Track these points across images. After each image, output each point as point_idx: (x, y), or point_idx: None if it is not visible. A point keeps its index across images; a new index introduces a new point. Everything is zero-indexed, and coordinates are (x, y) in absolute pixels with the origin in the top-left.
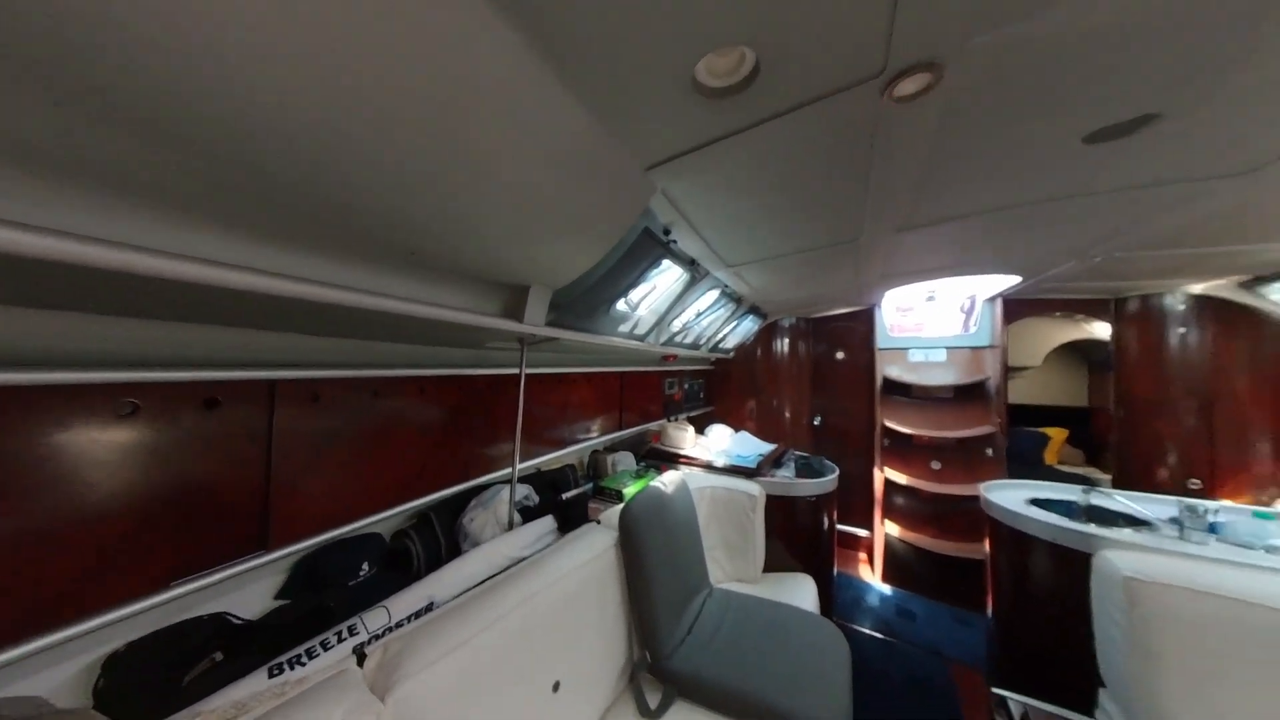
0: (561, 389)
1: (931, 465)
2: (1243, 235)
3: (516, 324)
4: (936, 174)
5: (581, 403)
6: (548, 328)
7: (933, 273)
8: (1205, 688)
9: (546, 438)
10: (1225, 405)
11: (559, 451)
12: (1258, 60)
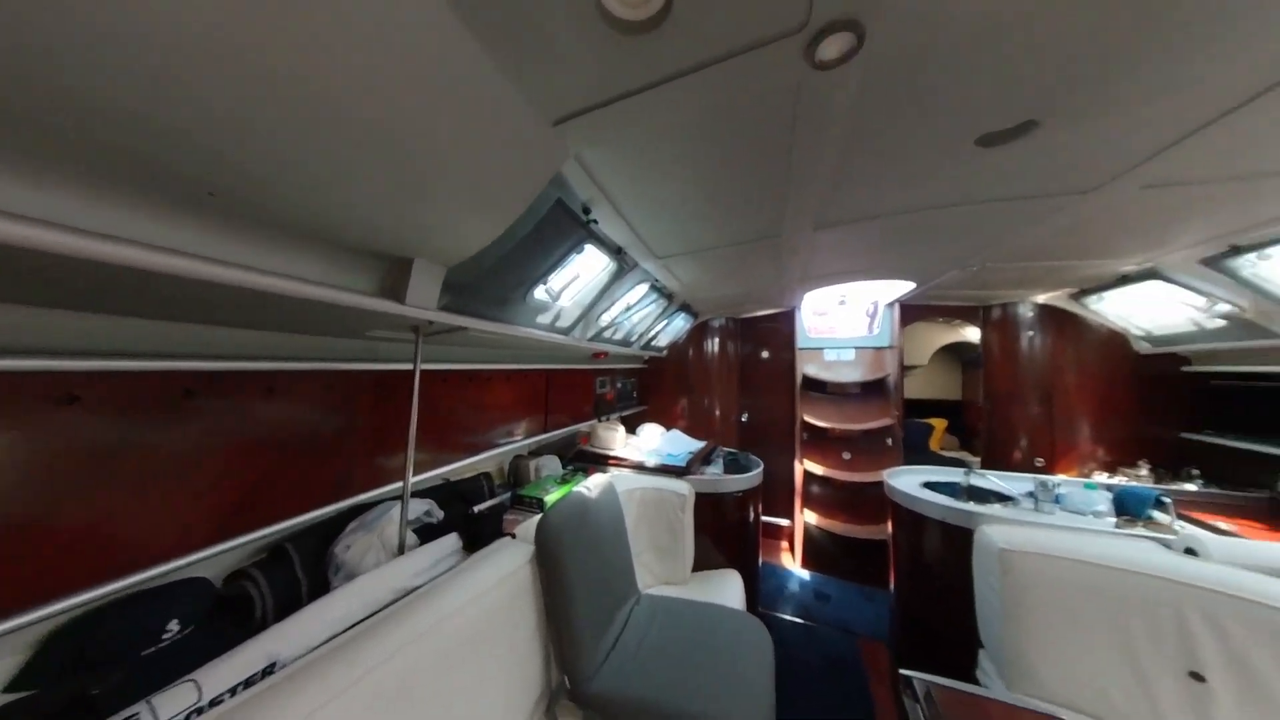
0: (474, 388)
1: (843, 456)
2: (1077, 251)
3: (396, 305)
4: (850, 169)
5: (500, 403)
6: (441, 313)
7: (845, 276)
8: (1058, 637)
9: (457, 443)
10: (1060, 396)
11: (473, 458)
12: (1105, 82)
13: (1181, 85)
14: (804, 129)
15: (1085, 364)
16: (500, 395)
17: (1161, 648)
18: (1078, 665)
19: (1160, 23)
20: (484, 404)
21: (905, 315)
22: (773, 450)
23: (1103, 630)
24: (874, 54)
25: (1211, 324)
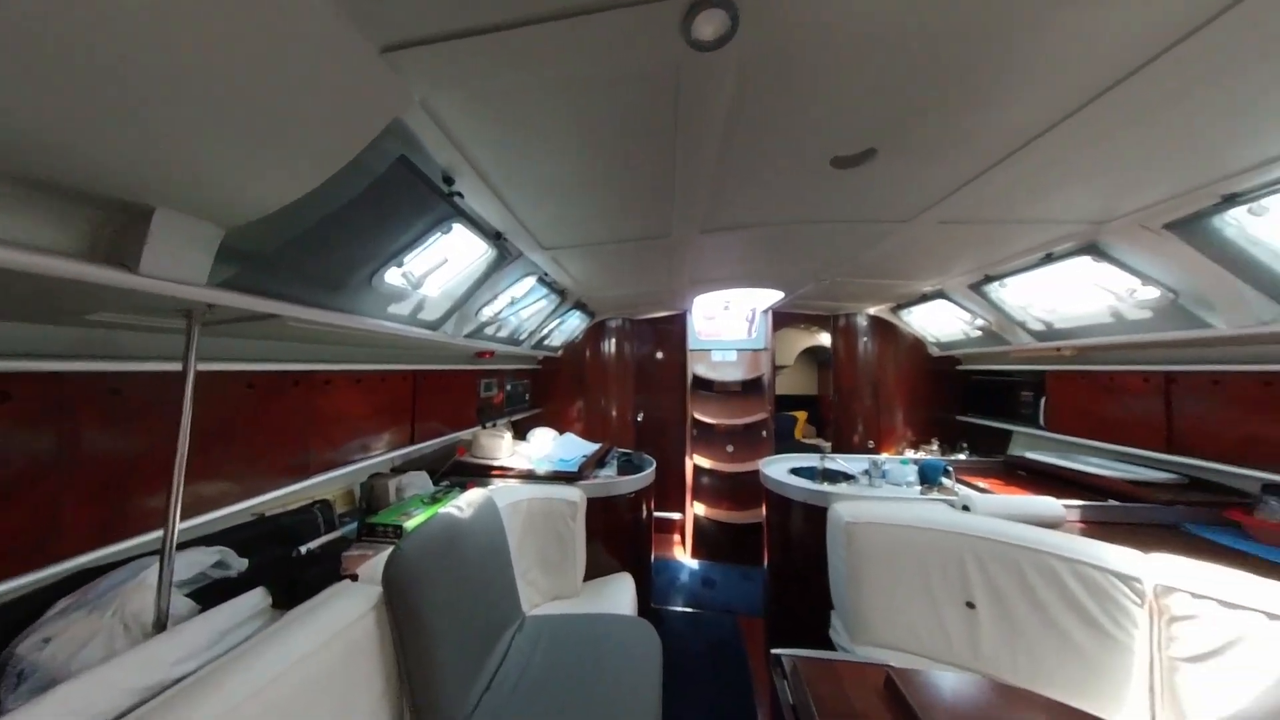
0: (306, 394)
1: (727, 449)
2: (897, 273)
3: (122, 275)
4: (730, 175)
5: (347, 412)
6: (222, 291)
7: (729, 282)
8: (885, 591)
9: (277, 465)
10: (883, 390)
11: (302, 483)
12: (918, 124)
13: (960, 140)
14: (687, 122)
15: (899, 364)
16: (347, 402)
17: (948, 586)
18: (897, 612)
19: (947, 82)
20: (321, 413)
21: (776, 321)
22: (667, 447)
23: (913, 579)
24: (747, 54)
25: (974, 334)
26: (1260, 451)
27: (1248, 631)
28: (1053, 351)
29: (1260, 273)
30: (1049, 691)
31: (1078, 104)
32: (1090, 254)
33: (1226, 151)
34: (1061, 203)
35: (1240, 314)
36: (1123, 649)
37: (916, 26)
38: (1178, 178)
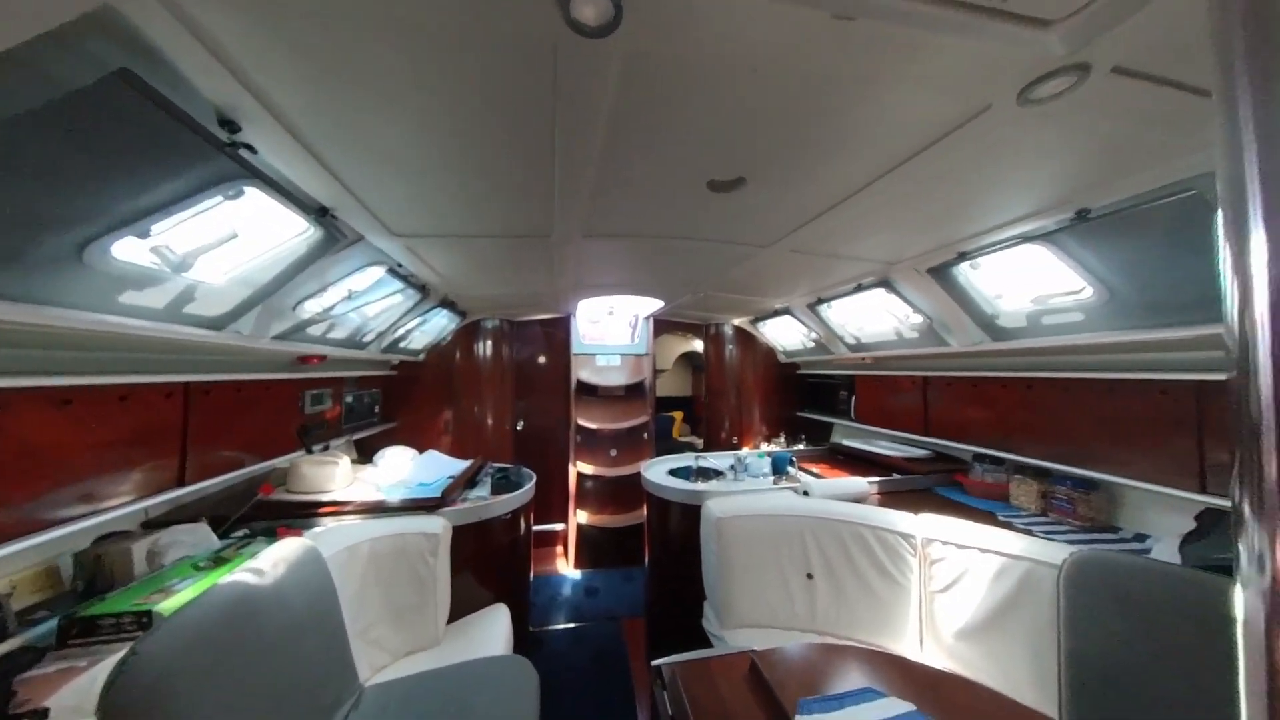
0: None
1: (610, 453)
2: (756, 290)
3: None
4: (612, 182)
5: (36, 449)
6: None
7: (613, 288)
8: (748, 575)
9: None
10: (744, 391)
11: None
12: (776, 160)
13: (812, 180)
14: (568, 116)
15: (757, 368)
16: (42, 433)
17: (793, 562)
18: (758, 593)
19: (808, 126)
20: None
21: (656, 328)
22: (549, 456)
23: (769, 561)
24: (632, 58)
25: (809, 344)
26: (972, 432)
27: (971, 564)
28: (860, 360)
29: (975, 309)
30: (860, 635)
31: (885, 170)
32: (884, 287)
33: (961, 224)
34: (870, 246)
35: (965, 337)
36: (904, 591)
37: (792, 68)
38: (935, 237)
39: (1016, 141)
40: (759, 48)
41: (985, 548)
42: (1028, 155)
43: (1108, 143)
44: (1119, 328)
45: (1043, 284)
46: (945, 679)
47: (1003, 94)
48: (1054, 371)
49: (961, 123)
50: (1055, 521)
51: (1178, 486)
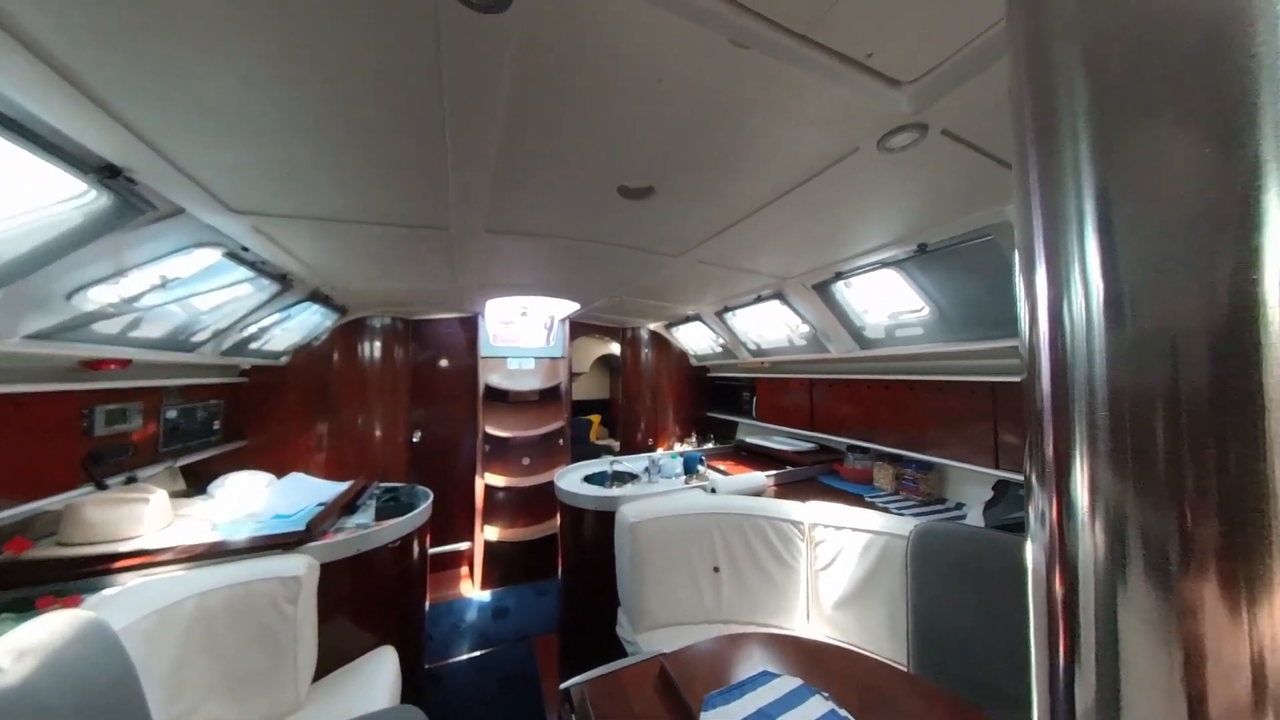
0: None
1: (523, 462)
2: (669, 297)
3: None
4: (516, 177)
5: None
6: None
7: (524, 289)
8: (661, 576)
9: None
10: (659, 393)
11: None
12: (687, 173)
13: (719, 197)
14: (458, 96)
15: (671, 371)
16: None
17: (702, 558)
18: (670, 592)
19: (715, 145)
20: None
21: (573, 330)
22: (453, 469)
23: (680, 560)
24: (529, 54)
25: (717, 349)
26: (846, 426)
27: (845, 543)
28: (760, 364)
29: (848, 321)
30: (760, 618)
31: (779, 194)
32: (779, 299)
33: (837, 248)
34: (767, 262)
35: (841, 345)
36: (795, 573)
37: (697, 86)
38: (817, 258)
39: (877, 182)
40: (664, 60)
41: (855, 527)
42: (885, 195)
43: (940, 192)
44: (945, 340)
45: (896, 302)
46: (825, 649)
47: (868, 139)
48: (903, 374)
49: (837, 159)
50: (905, 498)
51: (981, 464)
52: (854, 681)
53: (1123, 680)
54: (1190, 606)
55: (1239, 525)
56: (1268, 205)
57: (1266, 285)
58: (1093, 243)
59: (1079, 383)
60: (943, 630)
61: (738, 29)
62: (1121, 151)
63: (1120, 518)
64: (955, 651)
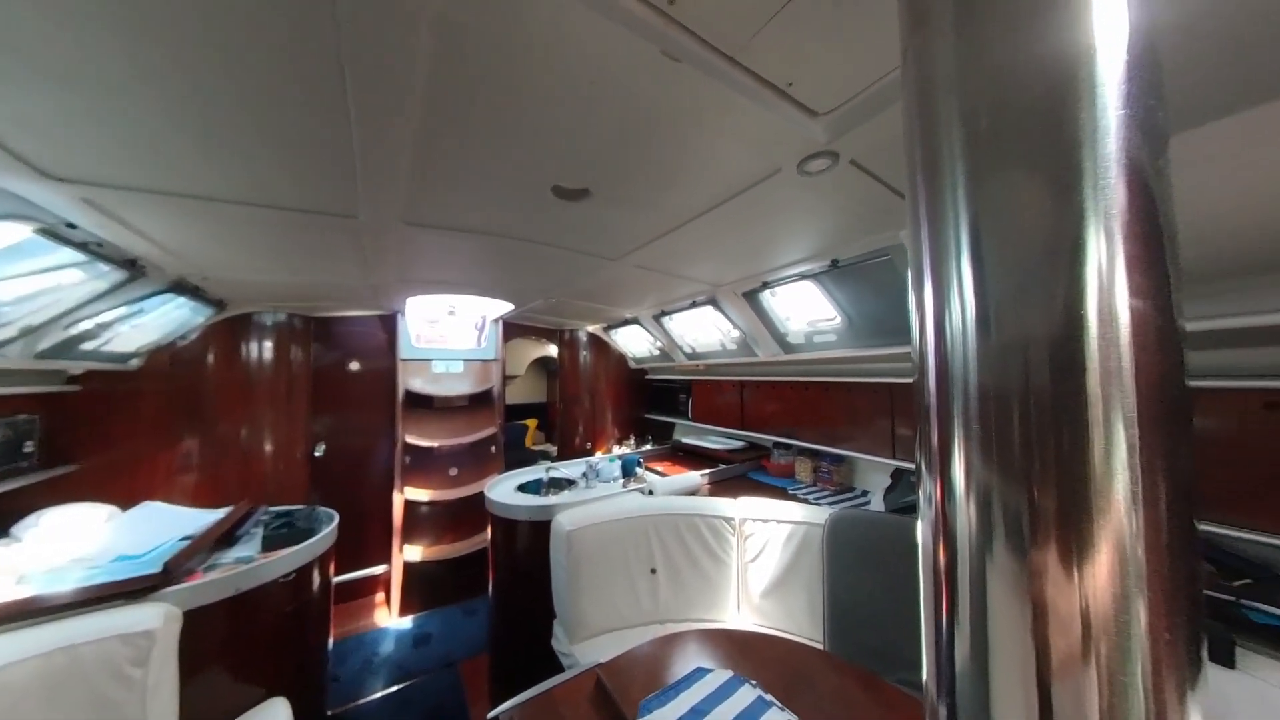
0: None
1: (450, 473)
2: (607, 300)
3: None
4: (438, 167)
5: None
6: None
7: (451, 286)
8: (599, 583)
9: None
10: (598, 396)
11: None
12: (624, 180)
13: (655, 205)
14: (362, 74)
15: (609, 374)
16: None
17: (639, 561)
18: (607, 598)
19: (651, 152)
20: None
21: (508, 331)
22: (365, 485)
23: (617, 564)
24: (446, 36)
25: (655, 352)
26: (772, 424)
27: (771, 534)
28: (696, 367)
29: (773, 327)
30: (695, 614)
31: (712, 205)
32: (712, 305)
33: (764, 259)
34: (701, 269)
35: (767, 349)
36: (727, 567)
37: (632, 93)
38: (747, 268)
39: (797, 201)
40: (597, 62)
41: (780, 519)
42: (804, 214)
43: (849, 215)
44: (853, 345)
45: (813, 311)
46: (753, 637)
47: (789, 161)
48: (820, 377)
49: (763, 178)
50: (821, 489)
51: (881, 455)
52: (779, 665)
53: (990, 634)
54: (1038, 569)
55: (1069, 497)
56: (1089, 246)
57: (1088, 308)
58: (967, 268)
59: (957, 383)
60: (853, 607)
61: (669, 40)
62: (988, 192)
63: (987, 496)
64: (864, 625)
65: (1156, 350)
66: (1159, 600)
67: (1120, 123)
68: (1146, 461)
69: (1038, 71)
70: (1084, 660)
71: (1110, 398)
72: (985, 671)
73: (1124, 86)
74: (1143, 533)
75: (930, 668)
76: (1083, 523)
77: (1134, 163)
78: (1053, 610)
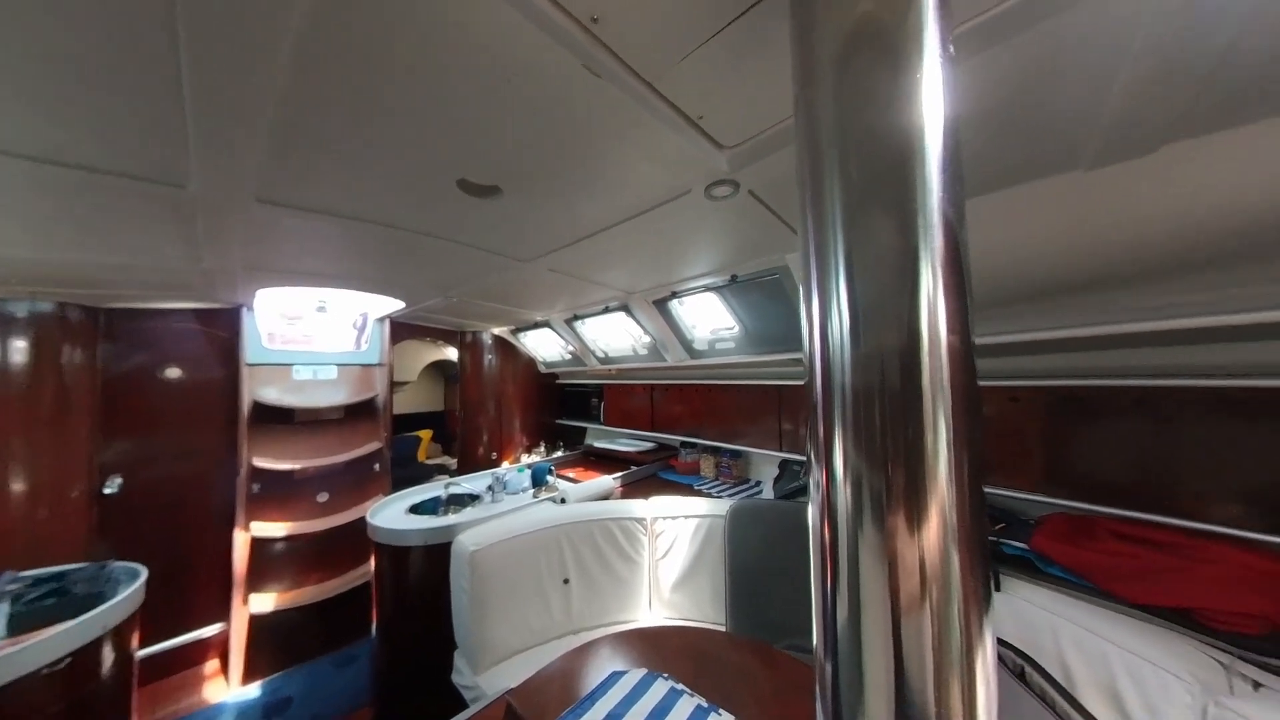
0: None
1: (318, 499)
2: (517, 302)
3: None
4: (303, 137)
5: None
6: None
7: (324, 278)
8: (506, 603)
9: None
10: (505, 403)
11: None
12: (538, 180)
13: (569, 210)
14: (193, 12)
15: (517, 378)
16: None
17: (552, 573)
18: (517, 619)
19: (554, 158)
20: None
21: (396, 332)
22: (190, 526)
23: (529, 580)
24: None
25: (567, 356)
26: (679, 425)
27: (679, 530)
28: (608, 371)
29: (681, 334)
30: (610, 619)
31: (626, 216)
32: (624, 311)
33: (673, 270)
34: (614, 276)
35: (676, 354)
36: (640, 567)
37: (550, 97)
38: (658, 277)
39: (703, 221)
40: (514, 59)
41: (687, 514)
42: (709, 232)
43: (746, 237)
44: (749, 352)
45: (716, 320)
46: (663, 631)
47: (698, 185)
48: (722, 380)
49: (674, 196)
50: (723, 483)
51: (770, 449)
52: (687, 653)
53: (861, 593)
54: (891, 534)
55: (912, 475)
56: (922, 279)
57: (922, 326)
58: (843, 289)
59: (837, 384)
60: (749, 587)
61: (592, 57)
62: (858, 228)
63: (859, 478)
64: (759, 602)
65: (961, 359)
66: (966, 551)
67: (940, 185)
68: (958, 446)
69: (892, 136)
70: (922, 603)
71: (937, 397)
72: (858, 625)
73: (942, 157)
74: (956, 500)
75: (818, 628)
76: (921, 495)
77: (946, 217)
78: (902, 566)
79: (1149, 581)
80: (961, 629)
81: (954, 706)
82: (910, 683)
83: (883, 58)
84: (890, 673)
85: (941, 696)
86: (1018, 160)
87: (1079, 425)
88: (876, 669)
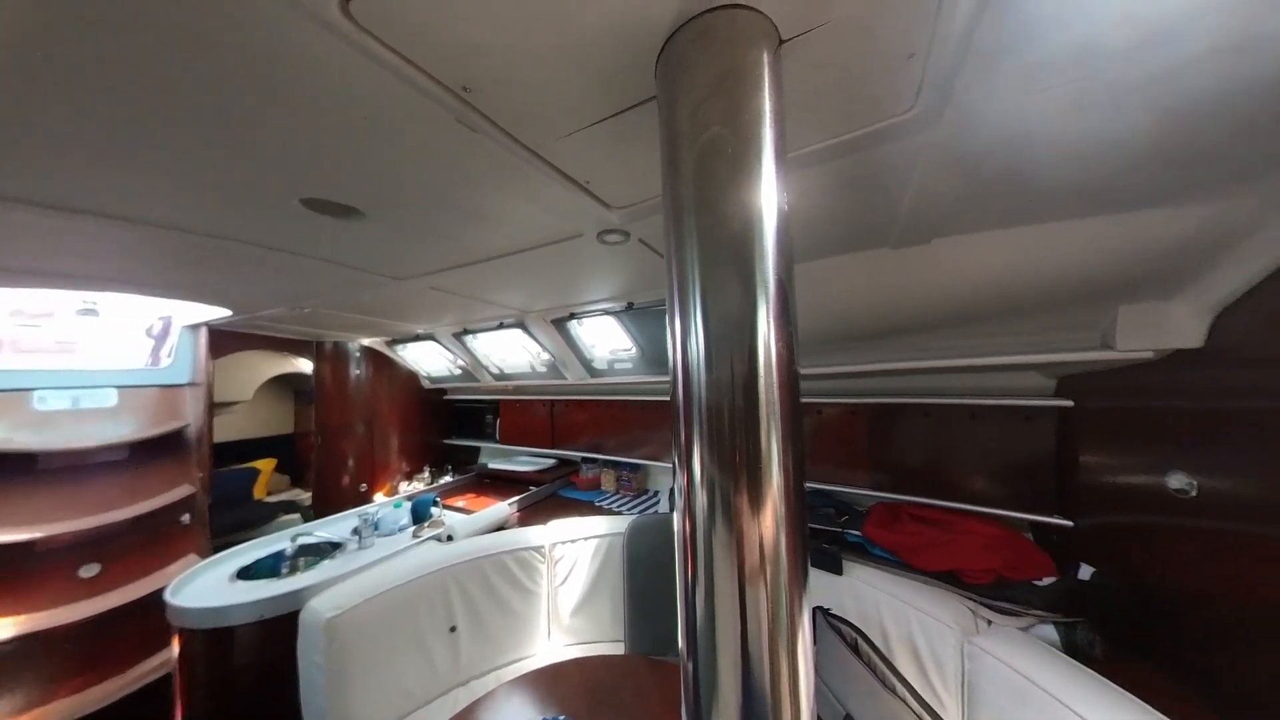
0: None
1: (81, 574)
2: (391, 314)
3: None
4: (44, 113)
5: None
6: None
7: (94, 282)
8: (374, 671)
9: None
10: (379, 422)
11: None
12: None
13: (451, 239)
14: None
15: (395, 395)
16: None
17: (435, 623)
18: (390, 685)
19: (426, 193)
20: None
21: (220, 343)
22: None
23: (406, 639)
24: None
25: (456, 371)
26: (580, 440)
27: (579, 554)
28: (504, 387)
29: (580, 353)
30: (502, 659)
31: (516, 250)
32: (521, 328)
33: (571, 295)
34: (508, 296)
35: (574, 373)
36: (537, 598)
37: (416, 144)
38: (555, 300)
39: (599, 258)
40: (372, 101)
41: (587, 536)
42: (604, 268)
43: (638, 275)
44: (646, 373)
45: (615, 341)
46: (559, 667)
47: (590, 230)
48: (622, 395)
49: (567, 238)
50: (623, 496)
51: (666, 460)
52: (584, 684)
53: (714, 580)
54: (738, 527)
55: (753, 476)
56: (760, 323)
57: (760, 359)
58: (699, 324)
59: (695, 401)
60: (645, 602)
61: (466, 116)
62: (711, 282)
63: (712, 482)
64: (653, 616)
65: (788, 385)
66: (790, 535)
67: (774, 253)
68: (785, 452)
69: (737, 219)
70: (761, 576)
71: (771, 413)
72: (713, 619)
73: (776, 233)
74: (784, 493)
75: (682, 620)
76: (759, 491)
77: (779, 276)
78: (747, 547)
79: (931, 552)
80: (788, 604)
81: (781, 660)
82: (750, 645)
83: (730, 166)
84: (737, 638)
85: (774, 651)
86: (845, 235)
87: (892, 431)
88: (725, 638)
